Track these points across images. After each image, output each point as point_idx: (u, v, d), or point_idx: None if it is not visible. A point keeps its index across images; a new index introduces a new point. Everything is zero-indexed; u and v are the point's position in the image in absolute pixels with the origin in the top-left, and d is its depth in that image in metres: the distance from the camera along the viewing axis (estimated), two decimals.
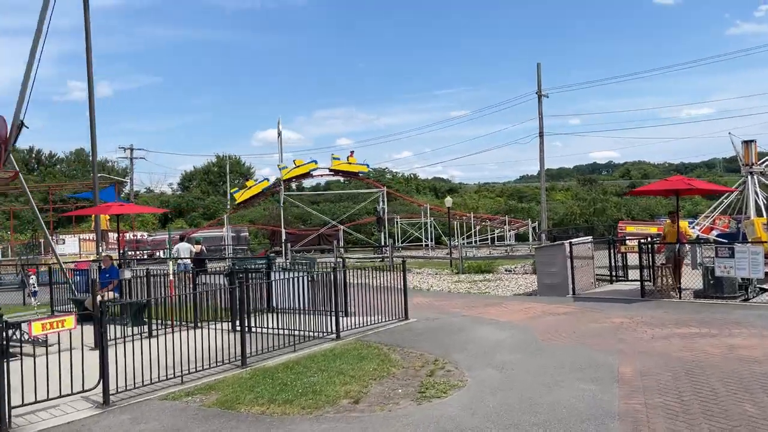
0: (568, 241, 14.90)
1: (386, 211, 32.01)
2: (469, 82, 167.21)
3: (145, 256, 31.96)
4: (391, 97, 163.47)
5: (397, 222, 39.54)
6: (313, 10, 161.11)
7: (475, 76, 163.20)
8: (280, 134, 31.60)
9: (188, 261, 22.68)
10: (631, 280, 15.73)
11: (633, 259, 16.69)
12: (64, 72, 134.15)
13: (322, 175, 39.50)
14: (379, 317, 11.77)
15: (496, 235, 39.46)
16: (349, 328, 10.96)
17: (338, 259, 22.09)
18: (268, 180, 38.81)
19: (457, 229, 39.74)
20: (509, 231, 37.90)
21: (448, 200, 30.24)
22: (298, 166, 37.19)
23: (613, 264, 16.16)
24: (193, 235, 31.81)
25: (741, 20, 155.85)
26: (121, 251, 27.10)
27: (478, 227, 40.14)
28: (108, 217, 25.14)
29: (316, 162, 37.25)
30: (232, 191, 37.63)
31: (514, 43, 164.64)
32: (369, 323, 11.45)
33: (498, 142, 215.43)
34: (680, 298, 12.97)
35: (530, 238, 38.08)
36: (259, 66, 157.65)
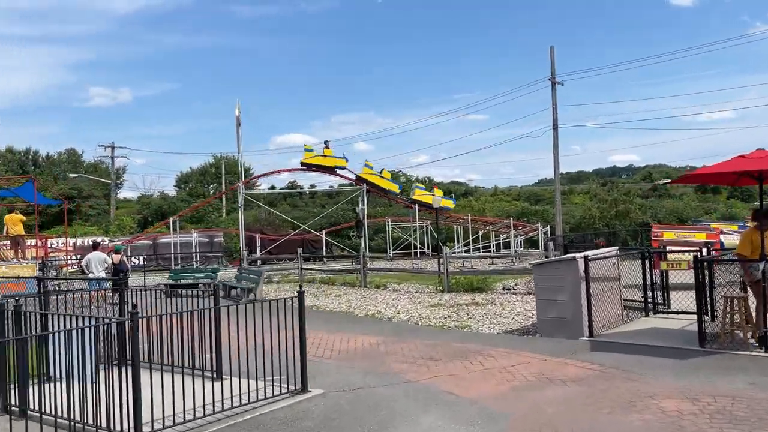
0: (582, 254, 9.97)
1: (365, 212, 27.25)
2: (487, 87, 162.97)
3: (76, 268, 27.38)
4: (408, 102, 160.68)
5: (387, 226, 34.66)
6: (328, 16, 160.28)
7: (493, 81, 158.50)
8: (239, 124, 26.83)
9: (102, 275, 18.08)
10: (677, 312, 10.73)
11: (676, 277, 11.71)
12: (84, 78, 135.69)
13: (293, 170, 34.47)
14: (267, 384, 7.06)
15: (502, 241, 34.42)
16: (194, 408, 6.21)
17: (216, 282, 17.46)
18: (346, 159, 31.69)
19: (458, 234, 34.76)
20: (515, 236, 32.80)
21: (437, 198, 25.30)
22: (326, 156, 30.73)
23: (648, 284, 11.20)
24: (117, 242, 27.19)
25: (761, 22, 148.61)
26: (40, 261, 22.59)
27: (481, 232, 35.12)
28: (23, 218, 20.59)
29: (347, 159, 31.41)
30: (305, 147, 30.50)
31: (529, 51, 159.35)
32: (237, 402, 6.63)
33: (515, 143, 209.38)
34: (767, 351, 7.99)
35: (541, 246, 33.05)
36: (275, 71, 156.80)
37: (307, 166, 30.73)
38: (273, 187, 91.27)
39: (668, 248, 12.03)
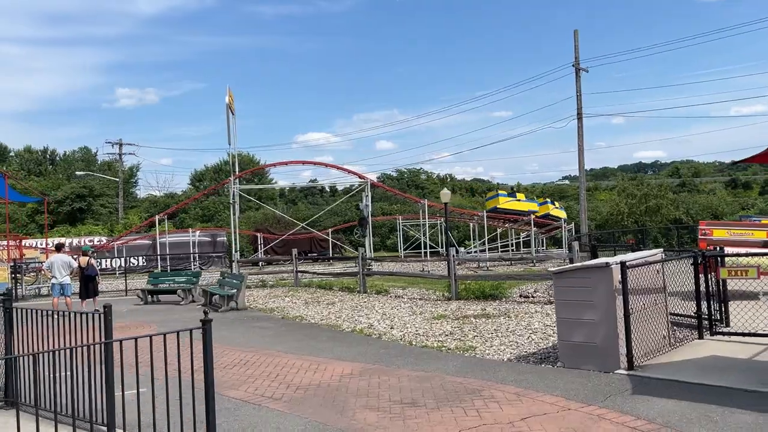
0: (617, 259, 7.62)
1: (370, 210, 24.99)
2: (509, 81, 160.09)
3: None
4: (431, 99, 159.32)
5: (399, 224, 32.33)
6: (349, 15, 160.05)
7: (516, 77, 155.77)
8: (233, 113, 24.52)
9: (67, 281, 16.15)
10: (742, 334, 8.31)
11: (734, 285, 9.31)
12: (112, 80, 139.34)
13: (291, 162, 32.12)
14: None
15: (522, 239, 31.89)
16: None
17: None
18: (548, 205, 32.47)
19: (474, 232, 32.32)
20: (536, 234, 30.23)
21: (445, 193, 22.81)
22: (519, 201, 31.41)
23: (702, 292, 8.78)
24: (86, 243, 25.29)
25: None
26: (12, 263, 20.78)
27: (500, 230, 32.62)
28: None
29: (539, 204, 31.21)
30: (498, 192, 31.07)
31: (554, 48, 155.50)
32: None
33: (539, 140, 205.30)
34: None
35: (564, 244, 30.55)
36: (298, 70, 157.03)
37: (502, 212, 30.06)
38: (293, 185, 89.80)
39: (724, 250, 9.56)
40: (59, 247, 16.23)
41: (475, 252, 30.70)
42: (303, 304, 16.15)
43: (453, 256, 15.49)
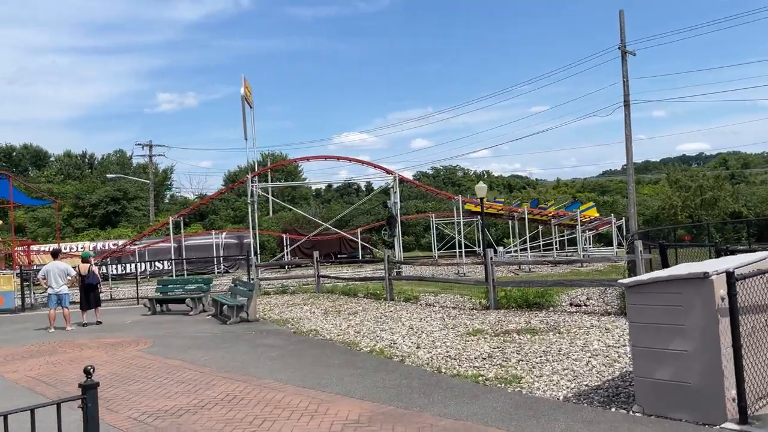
0: (717, 266, 5.55)
1: (399, 207, 22.99)
2: (548, 78, 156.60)
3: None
4: (467, 97, 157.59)
5: (432, 223, 30.30)
6: (384, 15, 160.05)
7: (555, 74, 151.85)
8: (251, 106, 22.86)
9: (64, 290, 14.75)
10: None
11: None
12: (154, 86, 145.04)
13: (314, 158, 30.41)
14: None
15: (567, 237, 29.50)
16: None
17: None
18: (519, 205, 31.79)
19: (513, 230, 30.08)
20: (582, 231, 27.80)
21: (481, 186, 20.61)
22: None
23: None
24: (87, 247, 23.96)
25: None
26: (17, 270, 19.58)
27: (541, 227, 30.30)
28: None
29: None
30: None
31: (595, 40, 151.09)
32: None
33: (578, 133, 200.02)
34: None
35: (614, 242, 28.08)
36: (334, 71, 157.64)
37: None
38: (330, 186, 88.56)
39: None
40: (55, 254, 14.81)
41: (515, 252, 28.53)
42: (322, 314, 14.37)
43: (491, 258, 13.48)
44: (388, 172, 23.64)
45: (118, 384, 8.20)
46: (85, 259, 15.14)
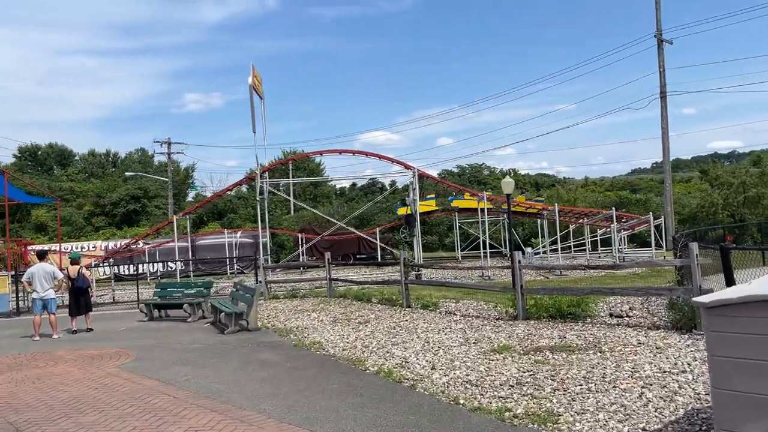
0: None
1: (418, 205, 21.47)
2: (579, 70, 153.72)
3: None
4: (492, 94, 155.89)
5: (455, 222, 28.75)
6: (407, 13, 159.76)
7: (587, 64, 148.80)
8: (261, 97, 21.55)
9: (50, 295, 13.58)
10: None
11: None
12: (180, 86, 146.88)
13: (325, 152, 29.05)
14: None
15: (599, 237, 27.70)
16: None
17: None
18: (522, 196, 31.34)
19: (543, 230, 28.37)
20: (617, 231, 25.98)
21: (507, 182, 18.94)
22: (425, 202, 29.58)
23: None
24: (99, 247, 22.93)
25: None
26: (12, 273, 18.58)
27: (572, 227, 28.54)
28: None
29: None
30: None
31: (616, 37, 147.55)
32: None
33: (606, 132, 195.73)
34: None
35: (652, 242, 26.21)
36: (358, 70, 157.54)
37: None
38: (354, 185, 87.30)
39: None
40: (41, 255, 13.66)
41: (543, 252, 26.84)
42: (330, 322, 12.99)
43: (518, 261, 11.95)
44: (407, 167, 22.23)
45: (74, 414, 6.91)
46: (74, 261, 13.98)
